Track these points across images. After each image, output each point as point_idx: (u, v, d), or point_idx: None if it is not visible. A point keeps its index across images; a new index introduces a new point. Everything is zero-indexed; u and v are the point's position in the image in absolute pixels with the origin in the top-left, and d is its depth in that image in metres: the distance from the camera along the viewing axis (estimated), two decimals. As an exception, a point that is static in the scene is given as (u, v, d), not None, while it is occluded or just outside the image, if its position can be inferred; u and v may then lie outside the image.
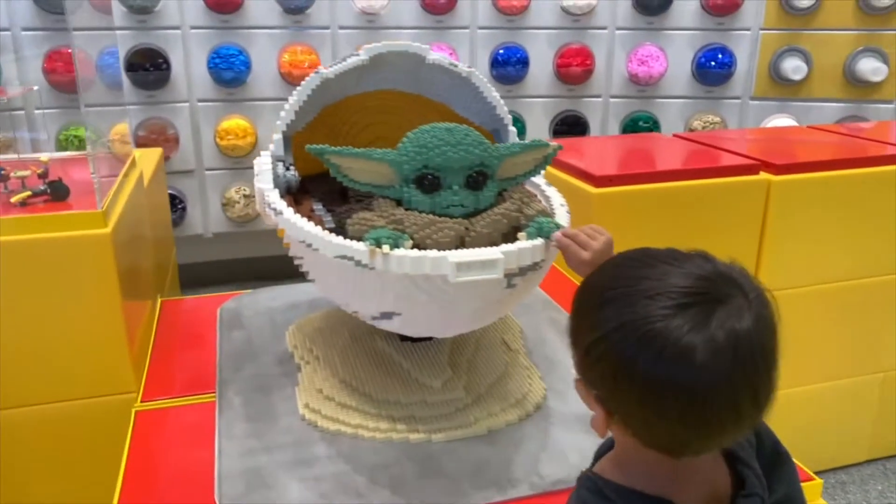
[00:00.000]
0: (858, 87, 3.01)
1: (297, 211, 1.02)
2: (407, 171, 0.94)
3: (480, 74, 1.27)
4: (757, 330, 0.57)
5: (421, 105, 1.36)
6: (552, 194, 1.12)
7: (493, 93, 1.28)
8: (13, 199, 1.20)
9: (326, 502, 0.91)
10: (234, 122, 2.86)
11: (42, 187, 1.21)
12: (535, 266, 0.93)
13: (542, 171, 1.04)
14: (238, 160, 2.93)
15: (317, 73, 1.19)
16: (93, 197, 1.18)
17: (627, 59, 3.06)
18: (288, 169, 1.19)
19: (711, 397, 0.56)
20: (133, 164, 1.55)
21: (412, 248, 0.89)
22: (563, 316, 1.39)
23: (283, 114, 1.20)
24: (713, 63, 3.07)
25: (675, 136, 2.09)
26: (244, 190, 2.96)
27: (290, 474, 0.95)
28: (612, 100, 3.13)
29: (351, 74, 1.21)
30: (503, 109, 1.29)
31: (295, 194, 1.17)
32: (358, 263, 0.89)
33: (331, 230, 0.96)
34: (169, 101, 2.79)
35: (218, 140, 2.87)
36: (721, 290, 0.58)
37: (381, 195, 0.98)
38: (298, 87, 1.20)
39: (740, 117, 3.16)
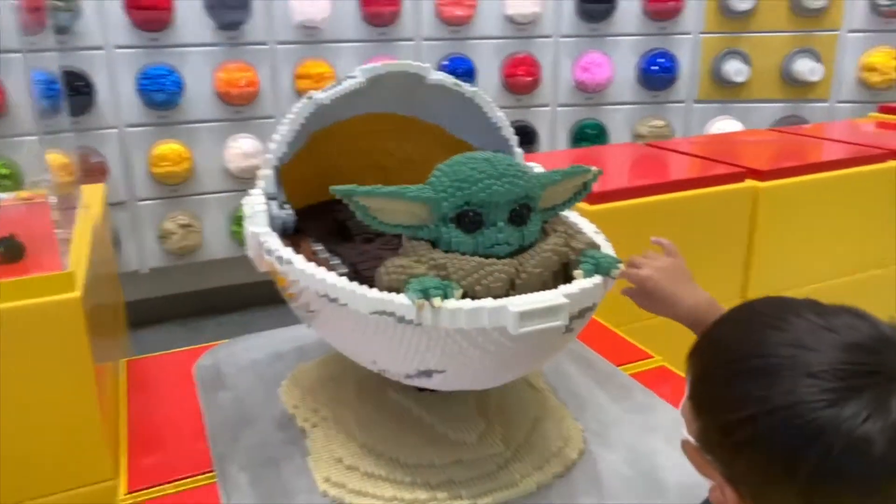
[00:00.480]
0: (796, 87, 3.08)
1: (306, 257, 0.89)
2: (446, 209, 0.83)
3: (485, 94, 1.17)
4: None
5: (415, 128, 1.25)
6: (579, 220, 1.03)
7: (497, 112, 1.18)
8: (-43, 262, 1.01)
9: None
10: (169, 147, 2.65)
11: (-8, 249, 1.02)
12: (593, 306, 0.83)
13: (581, 199, 0.94)
14: (174, 188, 2.72)
15: (309, 98, 1.06)
16: (52, 252, 1.00)
17: (573, 67, 3.03)
18: (282, 207, 1.05)
19: (889, 488, 0.48)
20: (83, 204, 1.37)
21: (461, 296, 0.78)
22: (579, 346, 1.31)
23: (273, 146, 1.06)
24: (656, 68, 3.08)
25: (649, 145, 2.05)
26: (181, 219, 2.75)
27: (328, 566, 0.82)
28: (559, 108, 3.09)
29: (343, 98, 1.09)
30: (509, 130, 1.19)
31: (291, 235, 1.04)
32: (401, 320, 0.77)
33: (347, 277, 0.84)
34: (94, 128, 2.56)
35: (152, 167, 2.65)
36: (892, 363, 0.50)
37: (412, 236, 0.86)
38: (289, 116, 1.07)
39: (685, 121, 3.18)
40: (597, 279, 0.82)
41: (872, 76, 3.03)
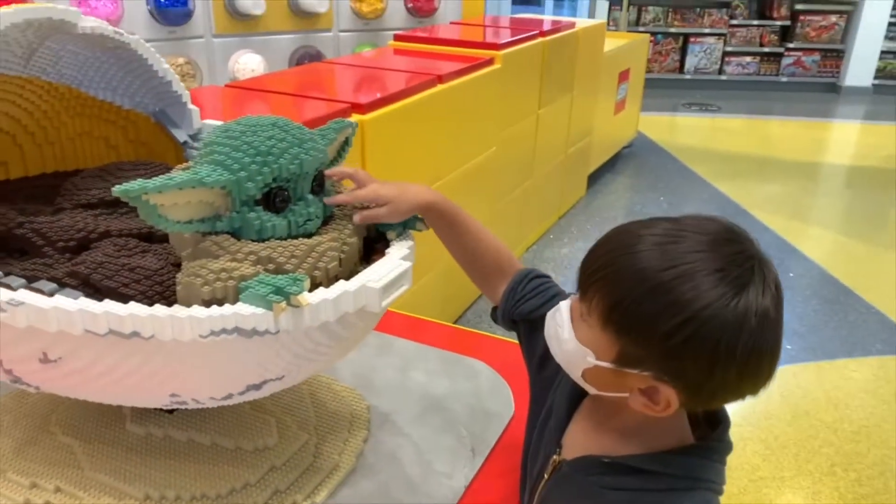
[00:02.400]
0: (305, 19, 3.23)
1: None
2: (251, 191, 0.69)
3: (145, 42, 0.96)
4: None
5: (37, 92, 0.97)
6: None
7: (163, 64, 0.99)
8: None
9: None
10: None
11: None
12: (405, 265, 0.82)
13: (345, 156, 0.88)
14: None
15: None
16: None
17: (71, 3, 2.60)
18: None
19: (778, 348, 0.62)
20: None
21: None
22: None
23: None
24: (165, 1, 2.86)
25: (227, 86, 1.94)
26: None
27: None
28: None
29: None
30: (179, 84, 1.01)
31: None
32: (249, 333, 0.64)
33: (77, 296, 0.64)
34: None
35: None
36: (747, 247, 0.63)
37: (209, 231, 0.69)
38: None
39: (207, 56, 3.06)
40: (409, 240, 0.80)
41: (362, 6, 3.37)
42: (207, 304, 0.65)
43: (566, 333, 0.68)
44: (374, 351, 1.15)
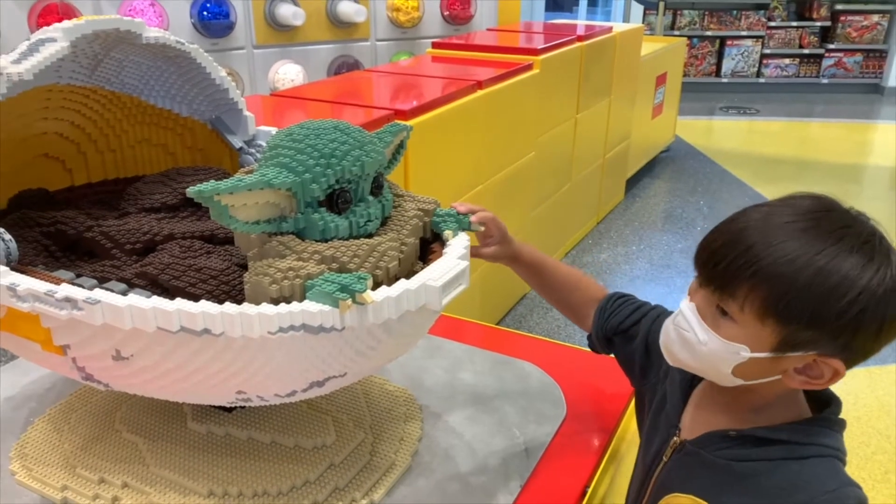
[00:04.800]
0: (342, 29, 3.28)
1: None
2: (316, 192, 0.70)
3: (203, 51, 0.99)
4: None
5: (101, 102, 1.00)
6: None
7: (220, 72, 1.02)
8: None
9: None
10: None
11: None
12: (463, 264, 0.82)
13: (399, 160, 0.89)
14: None
15: (0, 74, 0.76)
16: None
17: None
18: (-2, 234, 0.75)
19: None
20: None
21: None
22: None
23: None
24: (207, 13, 2.93)
25: (271, 95, 1.98)
26: None
27: None
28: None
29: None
30: (235, 92, 1.04)
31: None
32: (316, 329, 0.65)
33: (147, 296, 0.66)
34: None
35: None
36: (858, 218, 0.66)
37: (276, 232, 0.71)
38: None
39: (249, 67, 3.12)
40: (465, 237, 0.81)
41: (399, 15, 3.41)
42: (275, 301, 0.67)
43: (703, 335, 0.68)
44: (423, 353, 1.16)
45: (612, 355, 0.94)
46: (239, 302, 0.67)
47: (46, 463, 0.86)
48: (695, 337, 0.68)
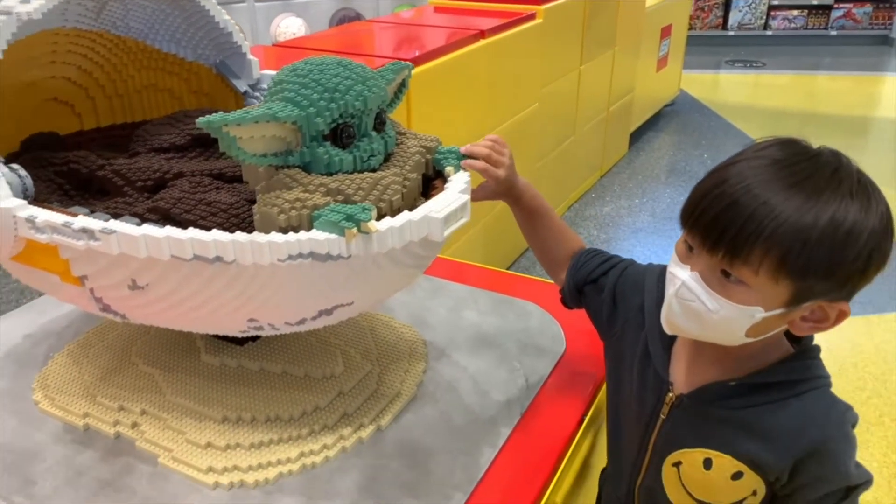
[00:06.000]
0: (345, -19, 3.25)
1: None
2: (320, 126, 0.73)
3: (207, -6, 1.00)
4: None
5: (107, 46, 1.01)
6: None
7: (224, 16, 1.03)
8: None
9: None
10: None
11: None
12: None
13: (402, 98, 0.91)
14: None
15: (7, 14, 0.78)
16: None
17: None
18: (11, 170, 0.78)
19: None
20: None
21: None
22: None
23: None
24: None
25: (274, 45, 1.98)
26: None
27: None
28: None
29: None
30: (240, 35, 1.05)
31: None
32: (324, 257, 0.68)
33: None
34: None
35: None
36: (840, 160, 0.67)
37: (282, 165, 0.73)
38: (-19, 39, 0.77)
39: (250, 20, 3.11)
40: (466, 173, 0.83)
41: (401, -32, 3.38)
42: (283, 231, 0.69)
43: (713, 304, 0.67)
44: (427, 293, 1.19)
45: (584, 308, 0.92)
46: (249, 234, 0.69)
47: (68, 393, 0.90)
48: (703, 306, 0.67)
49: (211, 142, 0.84)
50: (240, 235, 0.67)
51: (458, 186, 0.78)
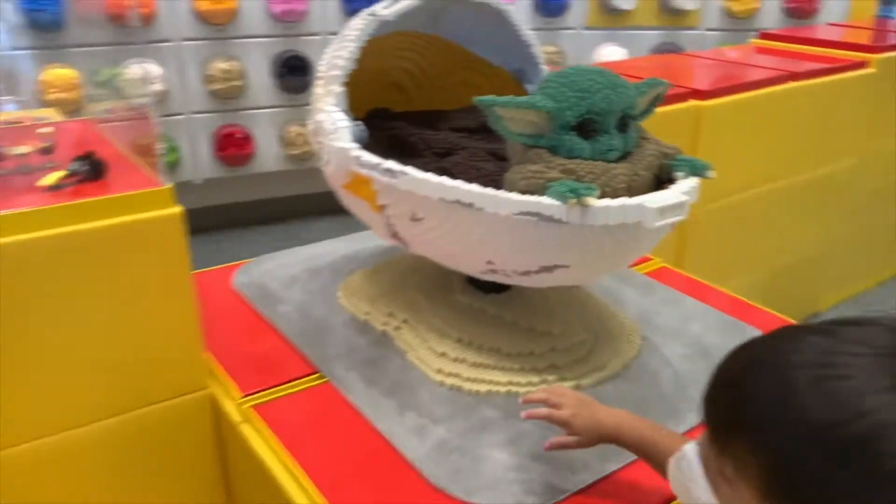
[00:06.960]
0: (672, 16, 3.36)
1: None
2: (569, 118, 0.91)
3: (515, 9, 1.24)
4: None
5: (437, 47, 1.30)
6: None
7: (526, 29, 1.26)
8: (44, 182, 0.93)
9: (529, 463, 0.90)
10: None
11: (79, 166, 0.95)
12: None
13: (654, 111, 1.06)
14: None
15: (372, 15, 1.09)
16: (136, 171, 0.97)
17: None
18: (356, 125, 1.08)
19: None
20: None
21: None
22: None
23: (340, 62, 1.08)
24: (549, -6, 3.23)
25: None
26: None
27: (480, 442, 0.92)
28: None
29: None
30: (537, 48, 1.28)
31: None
32: (547, 219, 0.86)
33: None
34: None
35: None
36: None
37: (533, 145, 0.94)
38: (353, 31, 1.09)
39: (576, 47, 3.38)
40: (695, 180, 0.95)
41: (734, 5, 3.38)
42: (522, 193, 0.89)
43: (703, 495, 0.59)
44: (661, 301, 1.30)
45: None
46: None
47: (358, 297, 1.21)
48: (692, 492, 0.61)
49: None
50: (489, 190, 0.88)
51: (681, 188, 0.91)
